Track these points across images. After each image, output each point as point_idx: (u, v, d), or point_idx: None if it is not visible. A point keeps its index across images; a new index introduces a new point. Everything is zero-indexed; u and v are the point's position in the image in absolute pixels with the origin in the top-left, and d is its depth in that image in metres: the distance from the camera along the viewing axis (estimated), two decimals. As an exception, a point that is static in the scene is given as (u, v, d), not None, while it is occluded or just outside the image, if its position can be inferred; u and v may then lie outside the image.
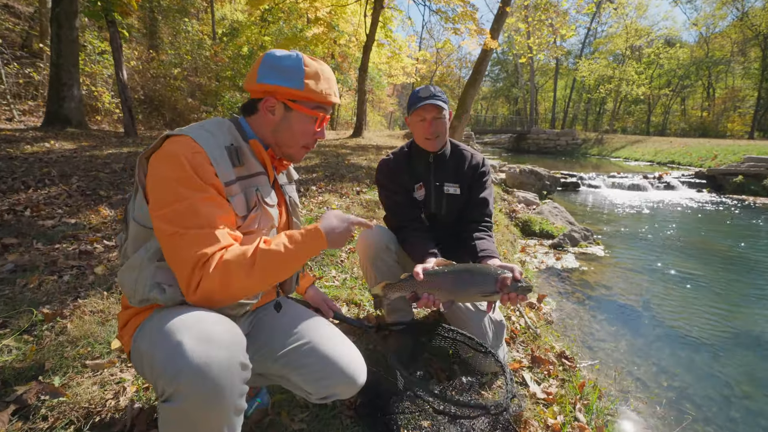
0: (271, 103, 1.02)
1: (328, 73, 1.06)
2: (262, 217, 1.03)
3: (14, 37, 11.80)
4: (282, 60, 1.00)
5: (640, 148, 21.88)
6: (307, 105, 1.04)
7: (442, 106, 1.54)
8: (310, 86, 1.01)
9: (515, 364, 1.64)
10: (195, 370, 0.69)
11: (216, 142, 0.94)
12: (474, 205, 1.68)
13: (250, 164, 1.02)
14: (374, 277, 1.63)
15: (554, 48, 26.23)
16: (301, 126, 1.05)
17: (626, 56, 30.28)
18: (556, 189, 9.34)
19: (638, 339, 2.93)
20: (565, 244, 4.83)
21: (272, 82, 0.99)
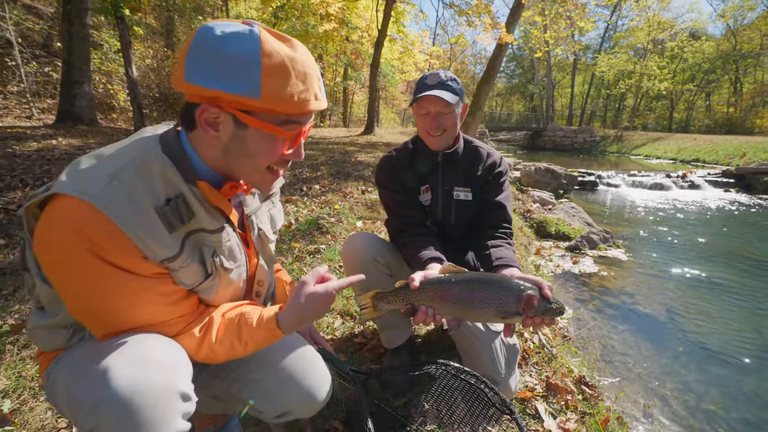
0: (211, 115, 0.66)
1: (304, 62, 0.68)
2: (220, 286, 0.81)
3: (36, 37, 12.05)
4: (225, 43, 0.62)
5: (662, 146, 21.09)
6: (269, 119, 0.68)
7: (450, 99, 1.29)
8: (271, 92, 0.64)
9: (527, 392, 1.43)
10: (121, 400, 0.56)
11: (138, 206, 0.64)
12: (489, 210, 1.45)
13: (203, 217, 0.74)
14: (359, 292, 1.45)
15: (572, 42, 25.48)
16: (260, 148, 0.71)
17: (648, 50, 29.21)
18: (573, 188, 8.98)
19: (663, 353, 2.69)
20: (583, 247, 4.56)
21: (208, 84, 0.62)
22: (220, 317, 0.80)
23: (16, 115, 9.89)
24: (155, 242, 0.65)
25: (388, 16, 11.68)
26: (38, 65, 11.12)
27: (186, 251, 0.71)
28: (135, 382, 0.58)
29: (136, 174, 0.65)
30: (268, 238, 0.98)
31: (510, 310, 0.94)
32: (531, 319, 0.94)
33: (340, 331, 1.76)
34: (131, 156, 0.67)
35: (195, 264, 0.73)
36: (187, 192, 0.70)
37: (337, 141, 10.58)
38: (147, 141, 0.71)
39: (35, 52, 11.56)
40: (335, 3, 11.87)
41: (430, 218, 1.50)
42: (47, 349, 0.76)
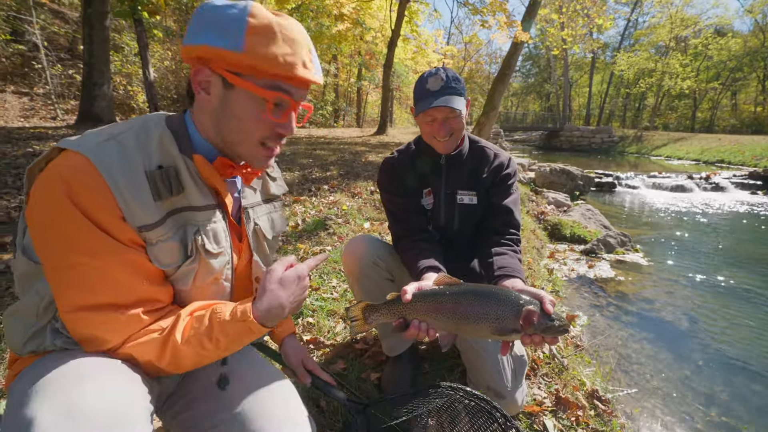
0: (203, 76, 0.69)
1: (294, 31, 0.69)
2: (199, 273, 0.76)
3: (61, 41, 12.48)
4: (217, 8, 0.67)
5: (684, 146, 20.41)
6: (254, 80, 0.68)
7: (458, 106, 1.22)
8: (254, 47, 0.65)
9: (535, 406, 1.35)
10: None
11: (129, 162, 0.65)
12: (495, 214, 1.37)
13: (193, 193, 0.73)
14: (360, 296, 1.40)
15: (590, 41, 24.91)
16: (248, 112, 0.70)
17: (670, 48, 28.33)
18: (590, 189, 8.74)
19: (684, 363, 2.55)
20: (599, 251, 4.41)
21: (200, 40, 0.66)
22: (187, 315, 0.71)
23: (41, 116, 10.26)
24: (137, 203, 0.64)
25: (402, 16, 11.61)
26: (63, 68, 11.52)
27: (167, 225, 0.69)
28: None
29: (135, 137, 0.68)
30: (265, 236, 0.93)
31: (507, 326, 0.86)
32: (530, 337, 0.86)
33: (341, 336, 1.72)
34: (135, 123, 0.70)
35: (174, 242, 0.70)
36: (180, 164, 0.71)
37: (349, 141, 10.58)
38: (153, 115, 0.74)
39: (60, 55, 11.98)
40: (349, 3, 11.88)
41: (433, 223, 1.43)
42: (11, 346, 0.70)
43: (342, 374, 1.45)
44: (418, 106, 1.27)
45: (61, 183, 0.60)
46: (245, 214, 0.88)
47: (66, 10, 12.77)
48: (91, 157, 0.61)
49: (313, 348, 1.60)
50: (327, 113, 22.86)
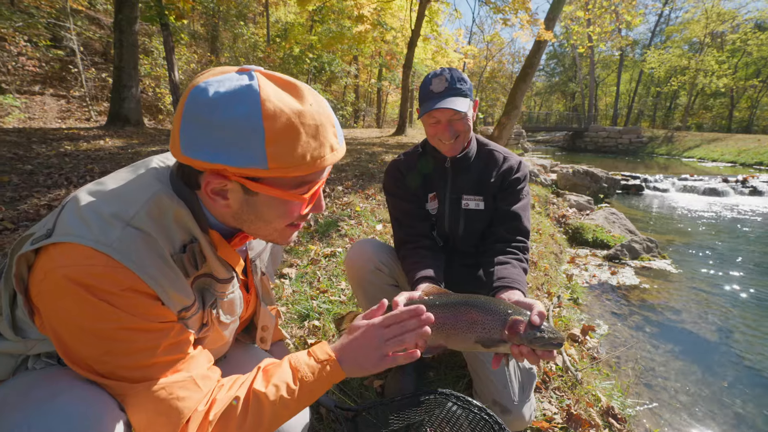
0: (218, 186, 0.60)
1: (314, 115, 0.59)
2: (210, 336, 0.76)
3: (96, 46, 13.10)
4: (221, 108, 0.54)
5: (719, 147, 19.39)
6: (281, 184, 0.62)
7: (462, 108, 1.18)
8: (279, 159, 0.56)
9: (544, 422, 1.29)
10: None
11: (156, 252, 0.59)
12: (502, 221, 1.31)
13: (214, 265, 0.70)
14: (364, 302, 1.37)
15: (618, 38, 24.03)
16: (275, 214, 0.65)
17: (705, 44, 26.97)
18: (615, 192, 8.41)
19: (714, 379, 2.39)
20: (623, 257, 4.23)
21: (208, 159, 0.56)
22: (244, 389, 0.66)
23: (77, 117, 10.79)
24: (176, 291, 0.62)
25: (422, 16, 11.54)
26: (97, 71, 12.10)
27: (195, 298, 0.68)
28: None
29: (151, 220, 0.60)
30: (270, 280, 0.96)
31: (493, 336, 0.84)
32: (518, 348, 0.83)
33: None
34: (143, 199, 0.61)
35: (198, 313, 0.69)
36: (201, 239, 0.66)
37: (367, 141, 10.60)
38: (157, 182, 0.64)
39: (95, 59, 12.58)
40: (369, 4, 11.90)
41: (437, 229, 1.39)
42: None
43: (344, 381, 1.42)
44: (422, 107, 1.25)
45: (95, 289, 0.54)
46: (252, 266, 0.88)
47: (101, 15, 13.37)
48: (119, 258, 0.55)
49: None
50: (347, 114, 23.01)
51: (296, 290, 2.08)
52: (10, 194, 3.12)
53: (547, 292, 2.61)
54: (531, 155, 16.20)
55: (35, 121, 9.69)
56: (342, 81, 22.08)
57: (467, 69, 27.88)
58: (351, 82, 23.16)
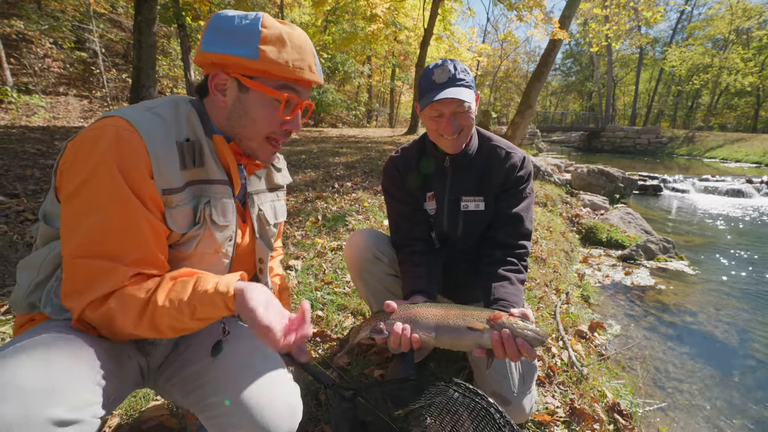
0: (220, 80, 0.78)
1: (300, 39, 0.79)
2: (202, 241, 0.81)
3: (117, 48, 13.51)
4: (233, 19, 0.76)
5: (744, 148, 18.72)
6: (267, 82, 0.78)
7: (467, 98, 1.11)
8: (268, 54, 0.74)
9: (546, 415, 1.26)
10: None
11: (165, 132, 0.73)
12: (503, 224, 1.25)
13: (211, 168, 0.80)
14: (363, 292, 1.36)
15: (637, 36, 23.45)
16: (260, 112, 0.80)
17: (729, 41, 26.07)
18: (632, 192, 8.21)
19: (730, 383, 2.31)
20: (638, 257, 4.12)
21: (218, 49, 0.75)
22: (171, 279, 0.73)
23: (98, 117, 11.15)
24: (167, 168, 0.72)
25: (435, 15, 11.49)
26: (117, 72, 12.48)
27: (185, 192, 0.76)
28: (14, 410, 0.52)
29: (169, 111, 0.77)
30: (267, 221, 0.99)
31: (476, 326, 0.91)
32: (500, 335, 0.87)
33: (349, 330, 1.70)
34: (166, 100, 0.80)
35: (189, 208, 0.77)
36: (203, 141, 0.80)
37: (378, 140, 10.63)
38: (180, 96, 0.83)
39: (116, 60, 12.97)
40: (382, 4, 11.92)
41: (436, 229, 1.34)
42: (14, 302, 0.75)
43: (346, 369, 1.43)
44: (423, 99, 1.17)
45: (105, 136, 0.67)
46: (250, 199, 0.94)
47: (122, 18, 13.78)
48: (135, 123, 0.69)
49: (320, 341, 1.60)
50: (360, 114, 23.08)
51: (301, 281, 2.10)
52: (32, 187, 3.24)
53: (555, 289, 2.57)
54: (546, 155, 15.94)
55: (59, 120, 10.04)
56: (355, 81, 22.16)
57: (481, 68, 27.63)
58: (364, 82, 23.22)
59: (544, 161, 9.07)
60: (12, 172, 3.57)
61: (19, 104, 9.37)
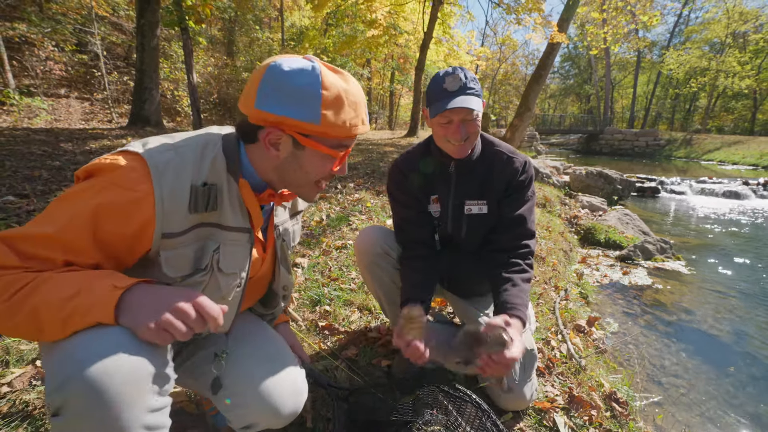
0: (275, 137, 0.77)
1: (355, 94, 0.78)
2: (208, 288, 0.81)
3: (119, 50, 13.58)
4: (292, 78, 0.72)
5: (741, 150, 18.85)
6: (324, 141, 0.78)
7: (477, 107, 1.15)
8: (328, 119, 0.74)
9: (546, 402, 1.32)
10: (87, 378, 0.55)
11: (182, 174, 0.72)
12: (505, 227, 1.29)
13: (226, 213, 0.79)
14: (372, 285, 1.43)
15: (635, 39, 23.61)
16: (314, 166, 0.81)
17: (726, 44, 26.27)
18: (630, 194, 8.29)
19: (727, 380, 2.36)
20: (636, 257, 4.19)
21: (277, 111, 0.73)
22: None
23: (99, 119, 11.20)
24: (174, 212, 0.71)
25: (435, 18, 11.59)
26: (119, 75, 12.53)
27: (189, 236, 0.75)
28: (103, 360, 0.56)
29: (193, 153, 0.75)
30: (289, 246, 1.03)
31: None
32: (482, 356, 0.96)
33: (356, 324, 1.76)
34: (195, 140, 0.77)
35: (189, 252, 0.76)
36: (224, 184, 0.78)
37: (379, 142, 10.70)
38: (212, 135, 0.81)
39: (117, 63, 13.02)
40: (382, 7, 12.01)
41: (439, 231, 1.39)
42: None
43: (353, 360, 1.49)
44: (433, 107, 1.19)
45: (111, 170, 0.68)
46: (275, 231, 0.97)
47: (123, 21, 13.85)
48: (151, 165, 0.69)
49: (328, 334, 1.66)
50: (359, 116, 23.12)
51: (308, 278, 2.16)
52: (41, 188, 3.29)
53: (554, 286, 2.63)
54: (544, 158, 16.03)
55: (60, 122, 10.09)
56: (355, 84, 22.20)
57: (480, 71, 27.76)
58: (364, 84, 23.35)
59: (543, 163, 9.15)
60: (20, 173, 3.63)
61: (21, 106, 9.43)
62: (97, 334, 0.60)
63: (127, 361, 0.58)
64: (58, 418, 0.56)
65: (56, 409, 0.56)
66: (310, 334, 1.66)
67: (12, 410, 1.14)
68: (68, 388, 0.55)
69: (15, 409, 1.15)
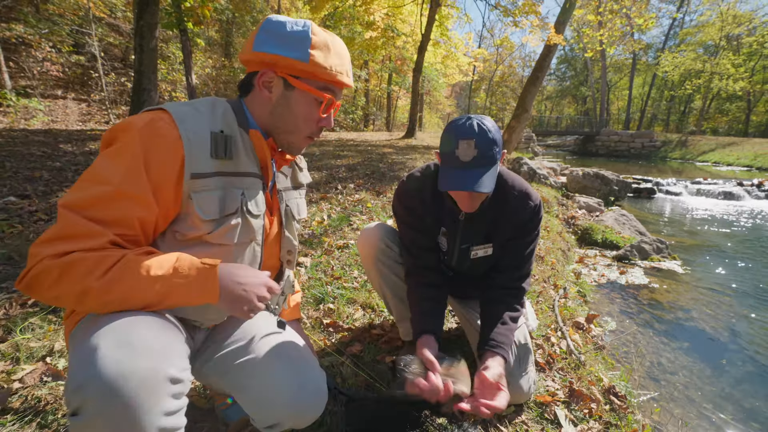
0: (268, 77, 0.85)
1: (341, 47, 0.88)
2: (242, 229, 0.86)
3: (116, 51, 13.55)
4: (285, 25, 0.83)
5: (735, 152, 19.06)
6: (311, 83, 0.86)
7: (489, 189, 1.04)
8: (316, 59, 0.83)
9: (547, 396, 1.36)
10: (105, 381, 0.57)
11: (200, 121, 0.80)
12: (504, 267, 1.31)
13: (242, 161, 0.86)
14: (378, 280, 1.46)
15: (631, 41, 23.82)
16: (303, 108, 0.88)
17: (720, 47, 26.55)
18: (626, 195, 8.36)
19: (722, 376, 2.41)
20: (633, 257, 4.24)
21: (270, 50, 0.82)
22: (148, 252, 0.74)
23: (96, 120, 11.17)
24: (199, 154, 0.78)
25: (432, 20, 11.66)
26: (116, 76, 12.50)
27: (213, 180, 0.81)
28: (120, 365, 0.58)
29: (205, 108, 0.84)
30: (293, 215, 1.06)
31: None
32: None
33: (359, 321, 1.79)
34: (203, 100, 0.86)
35: (215, 196, 0.81)
36: (237, 135, 0.85)
37: (377, 144, 10.74)
38: (216, 99, 0.89)
39: (114, 64, 12.99)
40: (380, 9, 12.07)
41: (445, 263, 1.40)
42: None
43: (358, 356, 1.52)
44: (443, 176, 1.08)
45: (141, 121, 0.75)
46: (279, 195, 1.01)
47: (120, 22, 13.83)
48: (172, 112, 0.77)
49: (333, 331, 1.69)
50: (357, 117, 23.22)
51: (311, 277, 2.19)
52: (42, 188, 3.30)
53: (554, 284, 2.67)
54: (541, 159, 16.13)
55: (57, 123, 10.07)
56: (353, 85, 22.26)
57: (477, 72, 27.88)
58: (361, 86, 23.39)
59: (540, 165, 9.22)
60: (21, 173, 3.64)
61: (18, 107, 9.40)
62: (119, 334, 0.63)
63: (144, 365, 0.61)
64: (76, 417, 0.59)
65: (75, 408, 0.59)
66: (315, 331, 1.69)
67: (24, 406, 1.16)
68: (86, 389, 0.57)
69: (27, 404, 1.17)
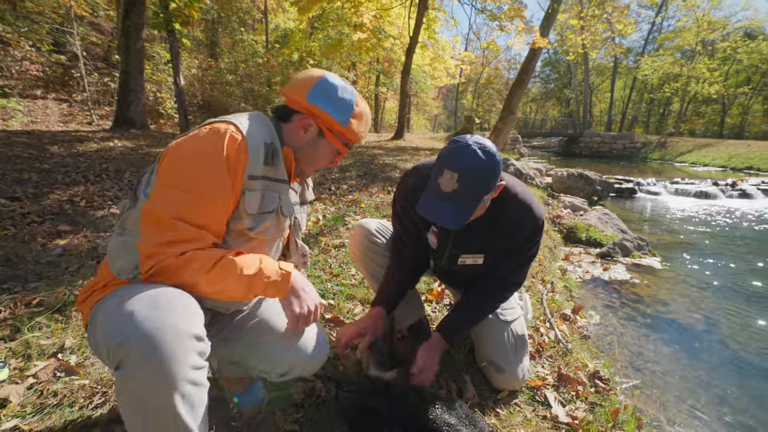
0: (308, 123, 1.03)
1: (369, 116, 1.09)
2: (276, 226, 1.04)
3: (98, 51, 13.26)
4: (338, 90, 1.01)
5: (711, 153, 19.78)
6: (339, 139, 1.06)
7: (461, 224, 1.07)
8: (353, 126, 1.04)
9: (537, 381, 1.47)
10: (143, 335, 0.69)
11: (259, 133, 0.95)
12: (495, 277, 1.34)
13: (279, 169, 1.02)
14: (364, 270, 1.56)
15: (612, 46, 24.51)
16: (325, 153, 1.08)
17: (696, 52, 27.54)
18: (609, 195, 8.64)
19: (699, 364, 2.56)
20: (615, 254, 4.41)
21: (321, 105, 1.00)
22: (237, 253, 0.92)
23: (78, 121, 10.91)
24: (256, 158, 0.93)
25: (420, 24, 11.80)
26: (99, 76, 12.22)
27: (260, 183, 0.96)
28: (155, 322, 0.70)
29: (258, 120, 0.99)
30: (299, 227, 1.21)
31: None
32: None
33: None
34: (252, 114, 1.00)
35: (258, 195, 0.96)
36: (279, 149, 1.01)
37: (367, 145, 10.81)
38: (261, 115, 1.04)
39: (96, 64, 12.70)
40: (368, 11, 12.15)
41: (434, 259, 1.44)
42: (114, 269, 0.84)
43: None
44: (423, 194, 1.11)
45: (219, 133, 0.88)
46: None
47: (103, 21, 13.55)
48: (241, 126, 0.92)
49: (334, 325, 1.77)
50: (345, 119, 23.17)
51: (310, 275, 2.26)
52: (32, 190, 3.27)
53: (541, 279, 2.80)
54: (527, 160, 16.46)
55: (38, 124, 9.81)
56: (341, 86, 22.20)
57: (464, 75, 28.23)
58: (349, 87, 23.39)
59: (526, 165, 9.44)
60: (8, 176, 3.58)
61: (-5, 108, 9.14)
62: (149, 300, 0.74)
63: (174, 321, 0.73)
64: (120, 369, 0.70)
65: (119, 362, 0.70)
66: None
67: (41, 400, 1.20)
68: (128, 344, 0.69)
69: (44, 399, 1.21)
